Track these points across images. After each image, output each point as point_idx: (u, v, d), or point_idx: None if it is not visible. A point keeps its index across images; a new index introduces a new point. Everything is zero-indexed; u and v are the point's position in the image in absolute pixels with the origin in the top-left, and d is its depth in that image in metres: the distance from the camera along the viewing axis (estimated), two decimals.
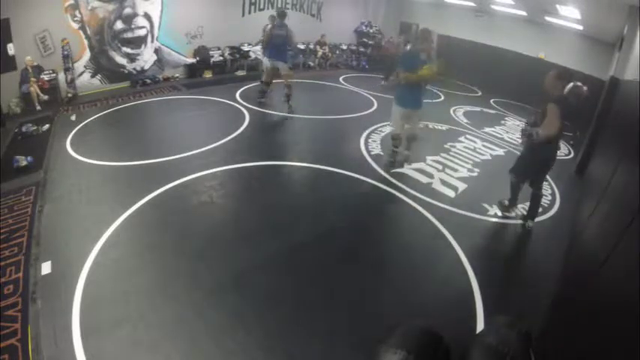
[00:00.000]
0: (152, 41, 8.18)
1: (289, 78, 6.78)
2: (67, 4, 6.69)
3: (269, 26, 6.52)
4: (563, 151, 7.01)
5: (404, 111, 4.79)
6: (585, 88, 7.36)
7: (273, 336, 2.47)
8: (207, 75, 9.04)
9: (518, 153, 4.49)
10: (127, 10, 7.52)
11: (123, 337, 2.35)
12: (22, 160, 4.40)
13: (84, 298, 2.60)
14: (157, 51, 8.33)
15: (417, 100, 4.77)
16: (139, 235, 3.36)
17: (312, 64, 11.07)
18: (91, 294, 2.63)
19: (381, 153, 5.46)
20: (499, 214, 4.25)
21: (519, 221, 4.15)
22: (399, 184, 4.59)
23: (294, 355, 2.35)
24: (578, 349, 1.75)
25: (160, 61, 8.48)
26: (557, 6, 7.12)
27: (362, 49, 12.22)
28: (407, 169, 5.00)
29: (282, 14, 6.52)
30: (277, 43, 6.49)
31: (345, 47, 12.13)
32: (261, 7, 9.98)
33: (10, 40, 6.01)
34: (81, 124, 5.73)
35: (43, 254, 3.01)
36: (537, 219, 4.27)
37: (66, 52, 6.68)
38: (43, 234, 3.26)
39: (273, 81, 7.01)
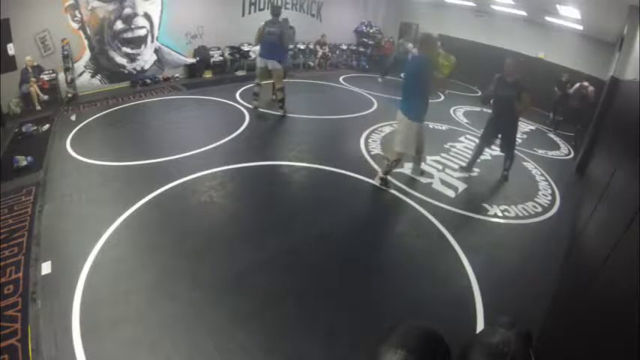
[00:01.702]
0: (152, 41, 8.18)
1: (280, 80, 6.44)
2: (67, 4, 6.69)
3: (262, 24, 6.23)
4: (564, 151, 7.01)
5: (421, 126, 4.20)
6: (591, 88, 7.40)
7: (273, 336, 2.47)
8: (207, 75, 9.04)
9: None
10: (127, 10, 7.52)
11: (123, 337, 2.35)
12: (22, 160, 4.40)
13: (84, 298, 2.60)
14: (157, 51, 8.33)
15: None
16: (139, 235, 3.36)
17: (312, 64, 11.07)
18: (91, 294, 2.63)
19: (382, 153, 5.46)
20: (499, 214, 4.25)
21: (519, 221, 4.17)
22: (399, 184, 4.59)
23: (294, 355, 2.35)
24: (578, 349, 1.75)
25: (160, 61, 8.48)
26: (557, 6, 7.11)
27: (362, 49, 12.22)
28: (407, 169, 5.00)
29: (274, 11, 6.22)
30: (270, 41, 6.15)
31: (345, 47, 12.13)
32: (261, 7, 9.98)
33: (10, 40, 6.01)
34: (81, 124, 5.74)
35: (43, 254, 3.01)
36: (537, 219, 4.29)
37: (66, 52, 6.68)
38: (43, 234, 3.26)
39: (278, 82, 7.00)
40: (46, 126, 5.60)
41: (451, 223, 3.91)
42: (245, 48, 9.61)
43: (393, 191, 4.43)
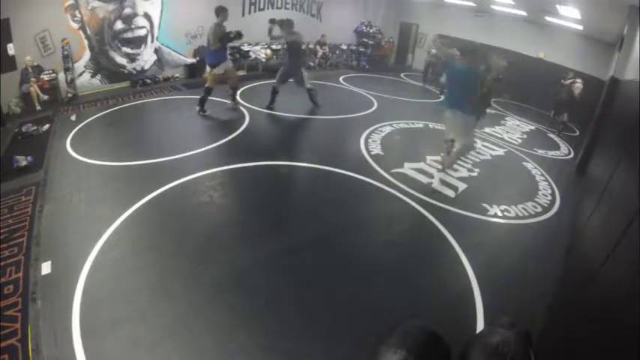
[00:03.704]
0: (152, 41, 8.18)
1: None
2: (67, 4, 6.69)
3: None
4: (564, 151, 7.01)
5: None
6: (579, 83, 7.53)
7: (273, 336, 2.47)
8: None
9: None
10: (127, 10, 7.52)
11: (123, 337, 2.35)
12: (22, 160, 4.40)
13: (84, 298, 2.60)
14: (157, 51, 8.33)
15: None
16: (139, 235, 3.36)
17: (312, 64, 11.07)
18: (91, 294, 2.63)
19: (381, 153, 5.46)
20: (499, 214, 4.25)
21: (519, 221, 4.17)
22: (399, 184, 4.59)
23: (294, 355, 2.35)
24: (578, 349, 1.75)
25: (160, 61, 8.48)
26: (557, 6, 7.10)
27: (362, 49, 12.22)
28: (407, 169, 5.00)
29: (220, 10, 5.93)
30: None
31: (345, 47, 12.13)
32: (261, 7, 9.99)
33: (10, 40, 6.01)
34: (81, 124, 5.73)
35: (43, 254, 3.01)
36: (537, 219, 4.29)
37: (66, 52, 6.68)
38: (43, 234, 3.26)
39: (289, 81, 6.97)
40: (46, 126, 5.60)
41: (451, 223, 3.91)
42: (245, 48, 9.61)
43: (393, 191, 4.43)
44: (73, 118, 6.04)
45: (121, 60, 7.82)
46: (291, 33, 6.53)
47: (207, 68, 6.30)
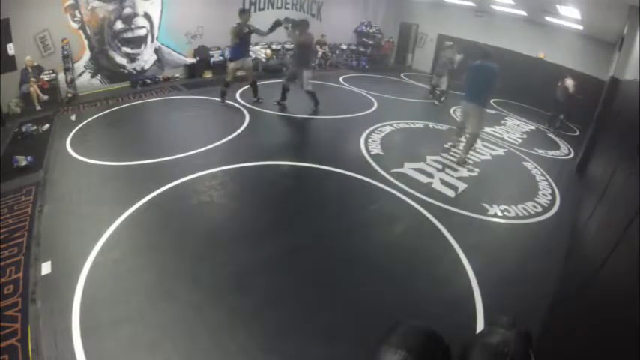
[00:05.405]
0: (152, 41, 8.18)
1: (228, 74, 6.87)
2: (67, 4, 6.69)
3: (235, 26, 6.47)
4: (564, 151, 7.01)
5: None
6: (571, 83, 7.73)
7: (273, 336, 2.47)
8: (207, 75, 9.04)
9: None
10: (127, 10, 7.52)
11: (123, 337, 2.35)
12: (22, 160, 4.40)
13: (84, 298, 2.60)
14: (156, 51, 8.33)
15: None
16: (139, 235, 3.36)
17: (312, 64, 11.06)
18: (91, 294, 2.63)
19: (382, 153, 5.46)
20: (499, 214, 4.25)
21: (519, 221, 4.17)
22: (399, 184, 4.59)
23: (293, 356, 2.35)
24: (578, 349, 1.75)
25: (160, 61, 8.48)
26: (557, 6, 7.10)
27: (362, 49, 12.22)
28: (407, 169, 5.00)
29: (240, 12, 6.45)
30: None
31: (345, 47, 12.13)
32: (261, 7, 9.99)
33: (10, 40, 6.01)
34: (81, 124, 5.73)
35: (43, 254, 3.01)
36: (537, 219, 4.29)
37: (66, 52, 6.68)
38: (43, 234, 3.26)
39: (296, 81, 7.02)
40: (46, 126, 5.60)
41: (451, 223, 3.91)
42: None
43: (393, 191, 4.43)
44: (73, 118, 6.04)
45: (121, 60, 7.82)
46: (306, 34, 6.60)
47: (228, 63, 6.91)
